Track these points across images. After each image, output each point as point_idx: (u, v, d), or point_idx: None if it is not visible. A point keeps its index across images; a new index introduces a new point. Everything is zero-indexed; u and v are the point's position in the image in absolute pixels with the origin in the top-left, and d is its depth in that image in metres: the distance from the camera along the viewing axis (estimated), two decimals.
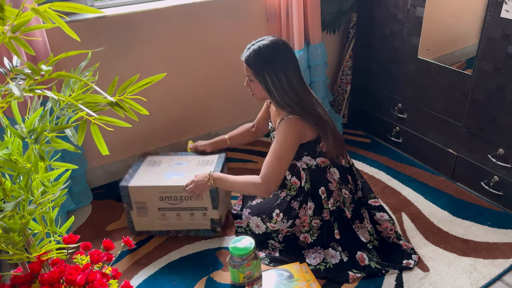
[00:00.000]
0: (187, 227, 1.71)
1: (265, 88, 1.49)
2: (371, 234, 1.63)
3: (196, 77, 2.19)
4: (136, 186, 1.62)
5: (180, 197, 1.63)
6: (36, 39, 1.58)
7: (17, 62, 0.95)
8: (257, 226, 1.66)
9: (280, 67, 1.46)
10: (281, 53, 1.48)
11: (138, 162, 1.78)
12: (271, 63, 1.45)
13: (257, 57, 1.47)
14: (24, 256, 1.00)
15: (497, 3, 1.62)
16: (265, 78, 1.47)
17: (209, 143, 1.86)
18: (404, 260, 1.57)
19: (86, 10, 0.83)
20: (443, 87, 1.96)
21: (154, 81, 0.90)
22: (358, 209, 1.65)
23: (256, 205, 1.69)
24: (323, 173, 1.58)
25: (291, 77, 1.48)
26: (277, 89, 1.47)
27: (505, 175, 1.79)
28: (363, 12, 2.32)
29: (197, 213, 1.67)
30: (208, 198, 1.63)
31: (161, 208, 1.65)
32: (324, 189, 1.58)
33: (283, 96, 1.48)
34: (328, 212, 1.59)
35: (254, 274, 1.49)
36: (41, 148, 0.93)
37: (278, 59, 1.46)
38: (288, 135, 1.49)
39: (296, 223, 1.61)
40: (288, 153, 1.51)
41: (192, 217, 1.67)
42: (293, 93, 1.48)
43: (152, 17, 1.93)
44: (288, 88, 1.47)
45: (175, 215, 1.67)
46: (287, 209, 1.61)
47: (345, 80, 2.54)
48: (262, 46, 1.47)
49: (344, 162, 1.63)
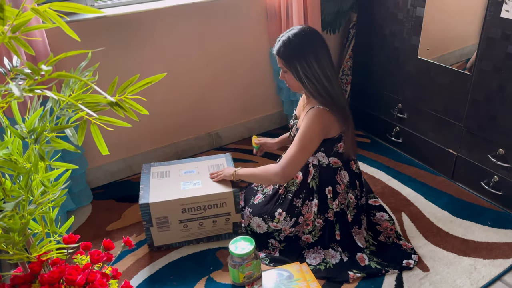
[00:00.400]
0: (208, 234, 1.69)
1: (297, 77, 1.47)
2: (367, 241, 1.64)
3: (196, 77, 2.19)
4: (157, 202, 1.56)
5: (203, 207, 1.61)
6: (36, 39, 1.58)
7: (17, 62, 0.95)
8: (258, 226, 1.66)
9: (311, 53, 1.44)
10: (310, 39, 1.46)
11: (145, 175, 1.73)
12: (301, 50, 1.44)
13: (286, 47, 1.46)
14: (24, 256, 1.00)
15: (497, 3, 1.62)
16: (296, 67, 1.45)
17: (277, 142, 1.86)
18: (404, 260, 1.57)
19: (86, 10, 0.83)
20: (443, 87, 1.96)
21: (154, 81, 0.90)
22: (359, 215, 1.65)
23: (258, 205, 1.69)
24: (333, 174, 1.58)
25: (323, 63, 1.45)
26: (308, 77, 1.45)
27: (505, 175, 1.79)
28: (363, 12, 2.32)
29: (220, 219, 1.66)
30: (231, 203, 1.63)
31: (183, 220, 1.63)
32: (331, 189, 1.58)
33: (315, 84, 1.46)
34: (333, 213, 1.59)
35: (254, 274, 1.49)
36: (41, 148, 0.93)
37: (308, 46, 1.44)
38: (315, 125, 1.47)
39: (299, 221, 1.61)
40: (311, 143, 1.49)
41: (215, 224, 1.66)
42: (326, 80, 1.46)
43: (152, 17, 1.93)
44: (320, 75, 1.45)
45: (197, 225, 1.65)
46: (290, 207, 1.60)
47: (345, 80, 2.54)
48: (290, 35, 1.47)
49: (355, 168, 1.64)
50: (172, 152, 2.29)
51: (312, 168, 1.58)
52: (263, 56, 2.34)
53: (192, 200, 1.59)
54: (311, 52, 1.44)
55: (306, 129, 1.47)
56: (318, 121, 1.47)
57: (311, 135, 1.48)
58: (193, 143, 2.34)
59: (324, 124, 1.48)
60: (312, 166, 1.58)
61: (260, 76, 2.39)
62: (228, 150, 2.36)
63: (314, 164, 1.58)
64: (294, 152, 1.48)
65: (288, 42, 1.46)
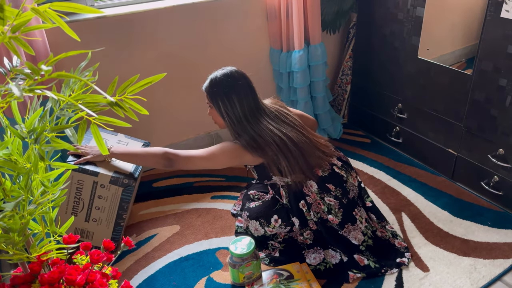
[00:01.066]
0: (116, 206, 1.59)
1: (219, 112, 1.53)
2: (365, 234, 1.60)
3: (196, 77, 2.19)
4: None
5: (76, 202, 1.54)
6: (36, 39, 1.58)
7: (17, 62, 0.95)
8: (255, 230, 1.67)
9: (234, 93, 1.50)
10: (234, 80, 1.52)
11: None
12: (224, 89, 1.50)
13: (212, 85, 1.53)
14: (24, 256, 1.00)
15: (497, 3, 1.62)
16: (218, 103, 1.52)
17: None
18: (398, 258, 1.57)
19: (86, 10, 0.83)
20: (443, 87, 1.96)
21: (154, 81, 0.90)
22: (349, 212, 1.59)
23: (255, 209, 1.70)
24: (301, 187, 1.58)
25: (244, 103, 1.50)
26: (229, 115, 1.51)
27: (505, 175, 1.79)
28: (363, 12, 2.32)
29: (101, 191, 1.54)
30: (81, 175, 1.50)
31: (86, 218, 1.58)
32: (304, 202, 1.59)
33: (234, 123, 1.52)
34: (313, 223, 1.60)
35: (254, 274, 1.49)
36: (41, 148, 0.93)
37: (230, 87, 1.50)
38: (223, 153, 1.51)
39: (294, 229, 1.63)
40: (213, 160, 1.51)
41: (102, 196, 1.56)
42: (245, 120, 1.51)
43: (152, 17, 1.93)
44: (241, 115, 1.50)
45: (98, 212, 1.58)
46: (286, 216, 1.63)
47: (345, 80, 2.54)
48: (217, 74, 1.54)
49: (321, 172, 1.58)
50: None
51: (282, 189, 1.62)
52: (263, 56, 2.34)
53: (63, 207, 1.54)
54: (234, 93, 1.50)
55: (217, 149, 1.51)
56: (226, 151, 1.51)
57: (218, 156, 1.51)
58: (193, 143, 2.34)
59: (232, 157, 1.51)
60: (281, 187, 1.62)
61: (260, 76, 2.38)
62: None
63: (282, 185, 1.62)
64: (198, 156, 1.50)
65: (214, 79, 1.53)
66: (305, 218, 1.60)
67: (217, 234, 1.76)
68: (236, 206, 1.90)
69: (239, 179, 2.12)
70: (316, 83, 2.30)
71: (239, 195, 1.98)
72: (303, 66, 2.20)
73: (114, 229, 1.64)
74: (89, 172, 1.52)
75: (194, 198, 1.99)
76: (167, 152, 1.48)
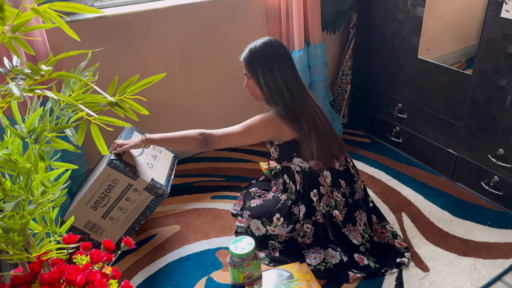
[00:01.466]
0: (139, 212, 1.62)
1: (257, 82, 1.50)
2: (363, 237, 1.62)
3: (196, 76, 2.19)
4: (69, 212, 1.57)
5: (103, 196, 1.55)
6: (36, 39, 1.58)
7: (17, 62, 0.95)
8: (257, 229, 1.67)
9: (274, 61, 1.47)
10: (275, 49, 1.49)
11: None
12: (265, 58, 1.47)
13: (251, 54, 1.49)
14: (24, 256, 1.00)
15: (497, 3, 1.62)
16: (258, 73, 1.48)
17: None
18: (398, 258, 1.57)
19: (86, 10, 0.83)
20: (443, 87, 1.96)
21: (154, 81, 0.90)
22: (352, 212, 1.61)
23: (256, 207, 1.69)
24: (316, 176, 1.58)
25: (285, 73, 1.48)
26: (268, 83, 1.47)
27: (505, 175, 1.79)
28: (363, 12, 2.32)
29: (129, 194, 1.57)
30: (119, 174, 1.52)
31: (103, 215, 1.59)
32: (316, 191, 1.59)
33: (273, 92, 1.48)
34: (321, 215, 1.59)
35: (254, 274, 1.49)
36: (41, 148, 0.93)
37: (272, 55, 1.48)
38: (260, 123, 1.49)
39: (296, 227, 1.63)
40: (249, 135, 1.50)
41: (131, 200, 1.59)
42: (285, 88, 1.48)
43: (152, 17, 1.93)
44: (281, 84, 1.47)
45: (119, 211, 1.60)
46: (288, 214, 1.62)
47: (345, 80, 2.54)
48: (257, 43, 1.50)
49: (337, 165, 1.60)
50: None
51: (297, 175, 1.61)
52: None
53: (86, 199, 1.55)
54: (275, 61, 1.47)
55: (252, 122, 1.49)
56: (263, 122, 1.49)
57: (253, 129, 1.49)
58: None
59: (269, 127, 1.49)
60: (297, 172, 1.60)
61: None
62: (228, 150, 2.36)
63: (297, 170, 1.60)
64: (234, 132, 1.49)
65: (253, 49, 1.50)
66: (312, 208, 1.59)
67: (217, 234, 1.76)
68: (236, 206, 1.90)
69: (239, 179, 2.12)
70: (316, 83, 2.30)
71: (239, 195, 1.98)
72: (303, 66, 2.20)
73: (127, 231, 1.65)
74: (128, 174, 1.53)
75: (194, 198, 1.99)
76: (203, 133, 1.48)
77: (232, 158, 2.28)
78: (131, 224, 1.65)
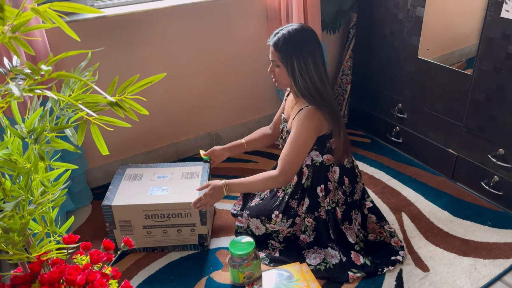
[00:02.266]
0: (174, 243, 1.65)
1: (291, 73, 1.46)
2: (357, 236, 1.63)
3: (196, 77, 2.19)
4: (120, 205, 1.55)
5: (167, 215, 1.57)
6: (36, 39, 1.58)
7: (17, 62, 0.95)
8: (257, 228, 1.66)
9: (309, 52, 1.44)
10: (310, 38, 1.46)
11: (118, 176, 1.71)
12: (300, 47, 1.43)
13: (286, 41, 1.44)
14: (24, 256, 1.00)
15: (497, 3, 1.62)
16: (293, 63, 1.44)
17: (226, 148, 1.80)
18: (392, 257, 1.58)
19: (86, 10, 0.83)
20: (443, 87, 1.96)
21: (154, 81, 0.90)
22: (349, 211, 1.63)
23: (255, 207, 1.69)
24: (326, 171, 1.58)
25: (318, 64, 1.46)
26: (303, 75, 1.44)
27: (505, 175, 1.79)
28: (363, 12, 2.32)
29: (184, 229, 1.62)
30: (196, 215, 1.58)
31: (147, 225, 1.60)
32: (323, 187, 1.58)
33: (307, 83, 1.45)
34: (325, 211, 1.59)
35: (254, 274, 1.49)
36: (41, 148, 0.93)
37: (307, 44, 1.44)
38: (307, 125, 1.46)
39: (296, 221, 1.61)
40: (305, 144, 1.48)
41: (180, 234, 1.63)
42: (318, 80, 1.46)
43: (152, 17, 1.93)
44: (314, 75, 1.45)
45: (161, 232, 1.62)
46: (286, 208, 1.61)
47: (345, 80, 2.54)
48: (291, 30, 1.45)
49: (346, 162, 1.61)
50: (172, 152, 2.29)
51: (306, 168, 1.59)
52: (263, 56, 2.34)
53: (156, 207, 1.56)
54: (310, 52, 1.44)
55: (299, 131, 1.47)
56: (309, 120, 1.46)
57: (305, 137, 1.47)
58: (193, 143, 2.34)
59: (316, 123, 1.47)
60: (306, 166, 1.59)
61: (260, 76, 2.38)
62: None
63: (307, 164, 1.59)
64: (291, 154, 1.48)
65: (289, 36, 1.44)
66: (317, 203, 1.59)
67: (217, 234, 1.76)
68: (236, 206, 1.90)
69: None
70: None
71: (239, 195, 1.97)
72: None
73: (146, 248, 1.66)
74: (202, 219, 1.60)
75: None
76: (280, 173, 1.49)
77: (232, 158, 2.28)
78: (155, 247, 1.66)
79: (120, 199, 1.57)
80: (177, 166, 1.79)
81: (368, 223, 1.71)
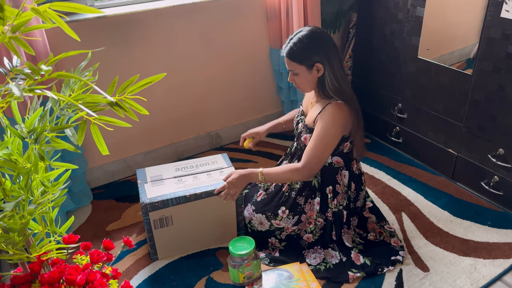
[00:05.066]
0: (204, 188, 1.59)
1: (311, 78, 1.45)
2: (353, 241, 1.64)
3: (196, 77, 2.19)
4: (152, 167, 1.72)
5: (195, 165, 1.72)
6: (36, 39, 1.58)
7: (17, 62, 0.95)
8: (260, 223, 1.65)
9: (331, 52, 1.43)
10: (324, 39, 1.45)
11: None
12: (319, 50, 1.42)
13: (299, 49, 1.43)
14: (24, 256, 1.00)
15: (497, 3, 1.62)
16: (312, 68, 1.44)
17: (265, 129, 1.77)
18: (392, 257, 1.58)
19: (86, 10, 0.83)
20: (443, 87, 1.96)
21: (154, 81, 0.90)
22: (349, 216, 1.65)
23: (261, 202, 1.68)
24: (335, 173, 1.58)
25: (334, 64, 1.45)
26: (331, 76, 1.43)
27: (505, 175, 1.79)
28: (363, 12, 2.32)
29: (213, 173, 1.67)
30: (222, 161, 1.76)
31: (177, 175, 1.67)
32: (331, 188, 1.58)
33: (336, 83, 1.44)
34: (332, 213, 1.59)
35: (254, 274, 1.49)
36: (41, 148, 0.93)
37: (325, 46, 1.43)
38: (337, 120, 1.45)
39: (302, 219, 1.61)
40: (333, 139, 1.47)
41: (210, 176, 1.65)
42: (341, 79, 1.45)
43: (152, 17, 1.93)
44: (337, 75, 1.44)
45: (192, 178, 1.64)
46: (293, 205, 1.60)
47: None
48: (301, 37, 1.44)
49: (355, 168, 1.62)
50: (172, 152, 2.29)
51: None
52: (263, 55, 2.34)
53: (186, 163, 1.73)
54: (331, 52, 1.43)
55: (327, 126, 1.44)
56: (339, 116, 1.45)
57: (333, 132, 1.46)
58: (193, 143, 2.34)
59: (344, 120, 1.46)
60: None
61: (260, 76, 2.39)
62: (228, 150, 2.36)
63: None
64: (317, 148, 1.46)
65: (299, 43, 1.43)
66: (326, 204, 1.59)
67: None
68: None
69: None
70: None
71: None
72: None
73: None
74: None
75: None
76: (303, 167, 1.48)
77: (232, 158, 2.28)
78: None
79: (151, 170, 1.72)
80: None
81: (368, 223, 1.71)
